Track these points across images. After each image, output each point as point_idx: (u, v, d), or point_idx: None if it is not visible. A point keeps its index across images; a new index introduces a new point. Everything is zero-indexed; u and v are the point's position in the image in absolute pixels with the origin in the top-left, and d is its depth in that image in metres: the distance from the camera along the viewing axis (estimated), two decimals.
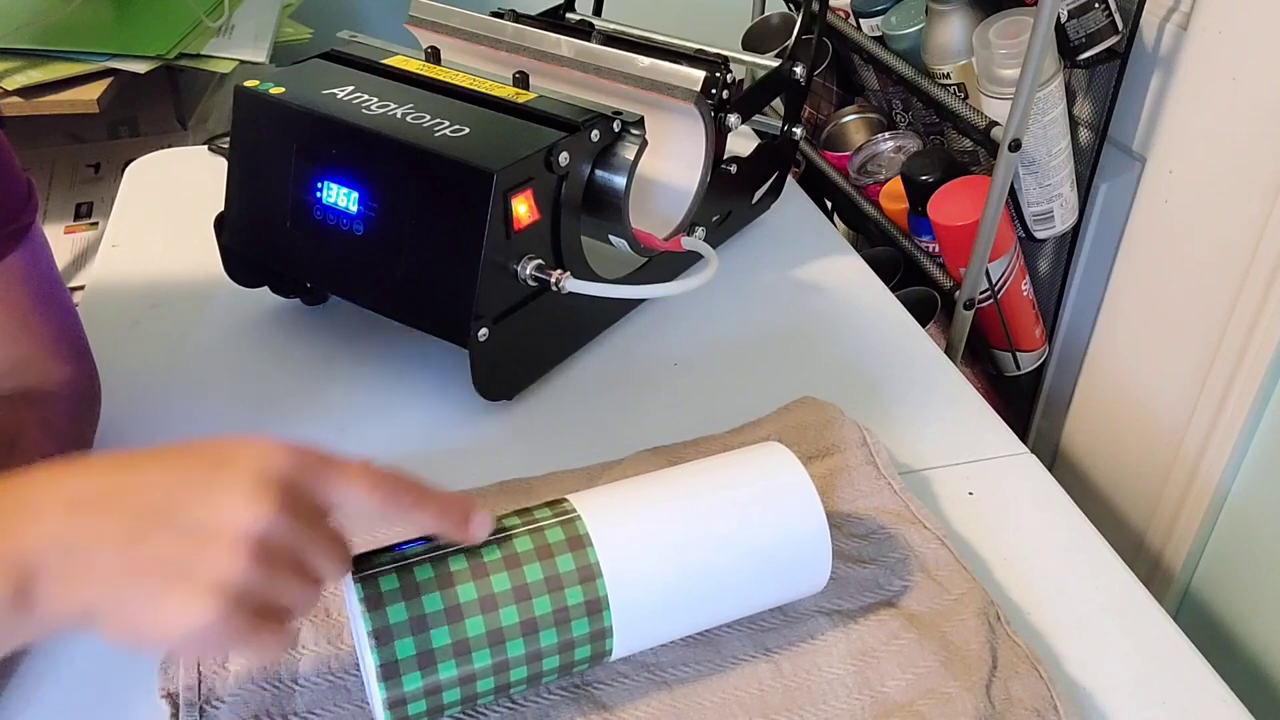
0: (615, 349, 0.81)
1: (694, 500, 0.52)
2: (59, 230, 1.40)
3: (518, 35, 0.82)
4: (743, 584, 0.52)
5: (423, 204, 0.67)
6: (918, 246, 1.10)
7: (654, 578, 0.50)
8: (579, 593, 0.48)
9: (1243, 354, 0.90)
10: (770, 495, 0.52)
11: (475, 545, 0.48)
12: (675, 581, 0.50)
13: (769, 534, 0.52)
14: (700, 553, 0.51)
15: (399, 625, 0.45)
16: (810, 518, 0.52)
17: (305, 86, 0.73)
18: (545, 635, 0.48)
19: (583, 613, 0.48)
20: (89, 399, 0.66)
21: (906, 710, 0.51)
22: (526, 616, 0.47)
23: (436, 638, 0.46)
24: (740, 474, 0.53)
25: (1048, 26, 0.85)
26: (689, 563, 0.50)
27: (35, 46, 1.32)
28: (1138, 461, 1.05)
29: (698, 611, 0.52)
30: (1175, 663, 0.57)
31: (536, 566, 0.48)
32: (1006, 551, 0.63)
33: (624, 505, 0.51)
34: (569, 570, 0.48)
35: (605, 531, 0.49)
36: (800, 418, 0.70)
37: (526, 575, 0.47)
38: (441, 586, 0.46)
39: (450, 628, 0.46)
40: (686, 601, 0.51)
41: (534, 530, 0.49)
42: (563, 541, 0.49)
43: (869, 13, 1.10)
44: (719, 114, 0.80)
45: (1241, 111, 0.87)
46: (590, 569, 0.48)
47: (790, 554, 0.52)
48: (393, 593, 0.46)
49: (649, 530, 0.50)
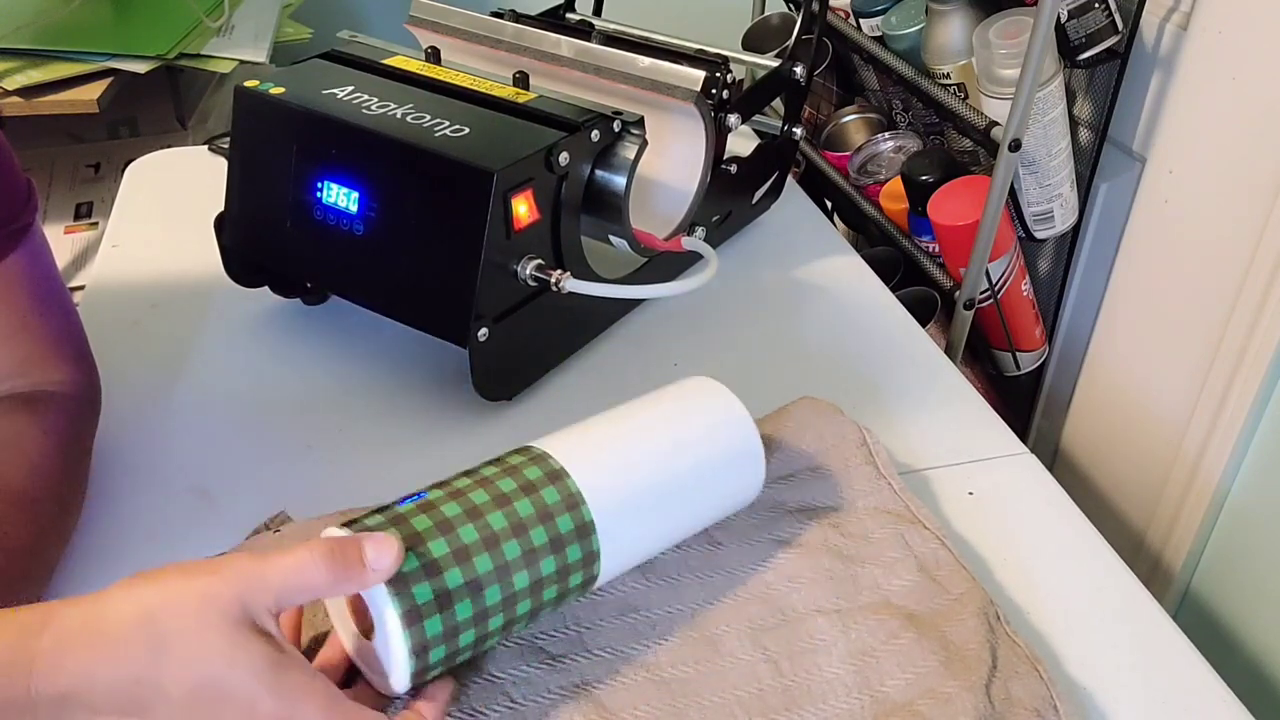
0: (615, 349, 0.81)
1: (642, 426, 0.57)
2: (59, 230, 1.40)
3: (518, 35, 0.82)
4: (696, 487, 0.57)
5: (423, 204, 0.67)
6: (918, 246, 1.10)
7: (626, 497, 0.54)
8: (568, 520, 0.51)
9: (1243, 354, 0.90)
10: (704, 411, 0.59)
11: (462, 491, 0.50)
12: (643, 497, 0.54)
13: (708, 442, 0.58)
14: (656, 467, 0.55)
15: (413, 572, 0.46)
16: (738, 423, 0.59)
17: (305, 86, 0.73)
18: (545, 564, 0.50)
19: (574, 538, 0.51)
20: (89, 399, 0.66)
21: (906, 710, 0.51)
22: (527, 548, 0.49)
23: (450, 579, 0.47)
24: (676, 400, 0.59)
25: (1048, 26, 0.85)
26: (649, 477, 0.55)
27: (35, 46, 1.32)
28: (1138, 461, 1.05)
29: (665, 522, 0.56)
30: (1175, 663, 0.57)
31: (526, 502, 0.50)
32: (1006, 551, 0.63)
33: (586, 439, 0.56)
34: (555, 501, 0.51)
35: (577, 465, 0.53)
36: (800, 418, 0.70)
37: (519, 511, 0.50)
38: (444, 532, 0.48)
39: (461, 568, 0.47)
40: (655, 516, 0.55)
41: (513, 471, 0.52)
42: (543, 477, 0.52)
43: (869, 13, 1.10)
44: (719, 114, 0.80)
45: (1241, 111, 0.87)
46: (574, 497, 0.52)
47: (728, 456, 0.58)
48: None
49: (613, 457, 0.55)
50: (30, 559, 0.57)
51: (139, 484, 0.67)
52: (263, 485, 0.67)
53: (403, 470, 0.68)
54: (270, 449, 0.70)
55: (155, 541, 0.63)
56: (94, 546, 0.62)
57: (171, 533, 0.64)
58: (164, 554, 0.62)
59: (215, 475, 0.68)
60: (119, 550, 0.62)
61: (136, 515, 0.65)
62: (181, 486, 0.67)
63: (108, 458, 0.68)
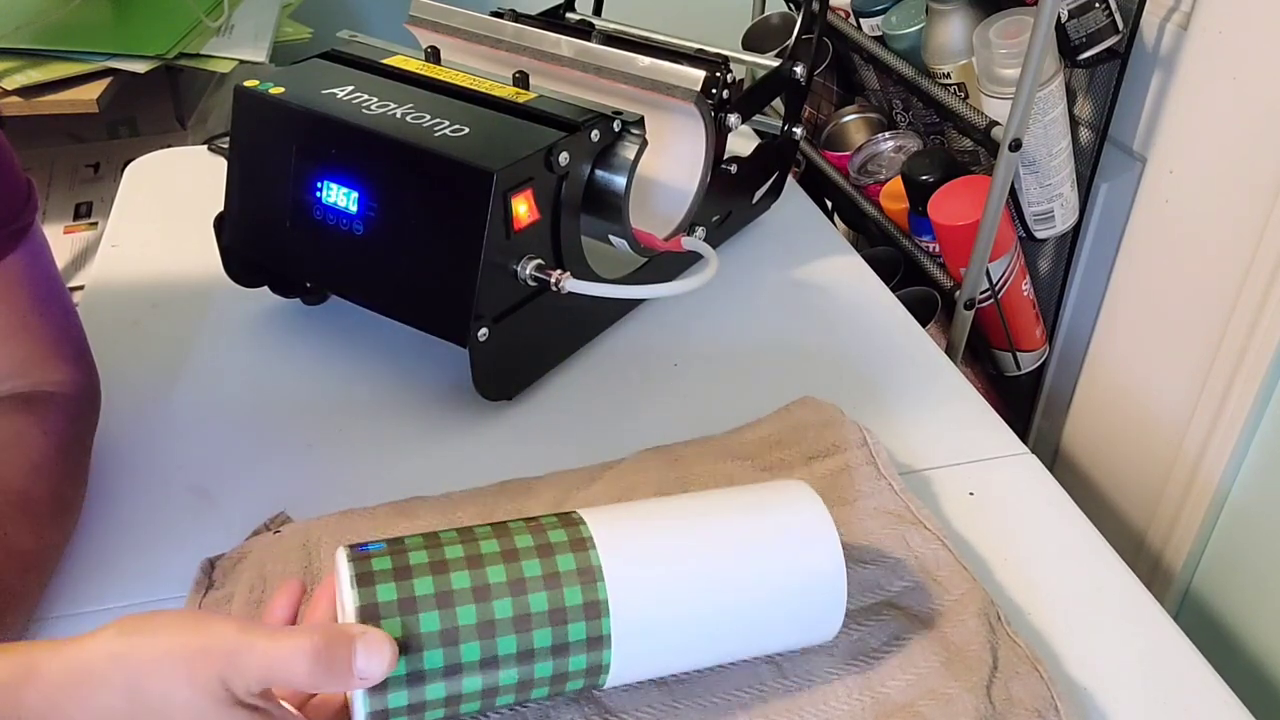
0: (615, 349, 0.81)
1: (709, 530, 0.50)
2: (59, 230, 1.40)
3: (518, 35, 0.82)
4: (749, 635, 0.50)
5: (423, 204, 0.67)
6: (918, 246, 1.10)
7: (661, 623, 0.48)
8: (582, 629, 0.46)
9: (1243, 354, 0.90)
10: (790, 537, 0.50)
11: (480, 560, 0.46)
12: (681, 629, 0.48)
13: (784, 578, 0.50)
14: (712, 604, 0.49)
15: (387, 605, 0.44)
16: (829, 565, 0.50)
17: (305, 86, 0.73)
18: (540, 668, 0.46)
19: (583, 650, 0.46)
20: (89, 399, 0.66)
21: (907, 711, 0.51)
22: (525, 648, 0.45)
23: (425, 622, 0.44)
24: (761, 509, 0.51)
25: (1048, 26, 0.85)
26: (698, 613, 0.48)
27: (35, 46, 1.32)
28: (1138, 461, 1.05)
29: (696, 657, 0.50)
30: (1175, 663, 0.57)
31: (542, 596, 0.46)
32: (1006, 551, 0.63)
33: (639, 536, 0.49)
34: (575, 605, 0.46)
35: (619, 568, 0.47)
36: (800, 418, 0.70)
37: (531, 605, 0.46)
38: (435, 572, 0.45)
39: (441, 613, 0.44)
40: (687, 649, 0.49)
41: (537, 532, 0.48)
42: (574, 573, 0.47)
43: (869, 12, 1.10)
44: (719, 114, 0.80)
45: (1241, 111, 0.87)
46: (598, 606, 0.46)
47: (804, 611, 0.50)
48: (384, 573, 0.45)
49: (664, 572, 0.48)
50: (30, 558, 0.57)
51: (139, 484, 0.67)
52: (263, 485, 0.67)
53: (403, 470, 0.68)
54: (270, 449, 0.70)
55: (155, 541, 0.63)
56: (94, 546, 0.62)
57: (171, 533, 0.64)
58: (164, 554, 0.62)
59: (215, 475, 0.68)
60: (119, 550, 0.62)
61: (136, 515, 0.65)
62: (181, 486, 0.67)
63: (108, 458, 0.68)
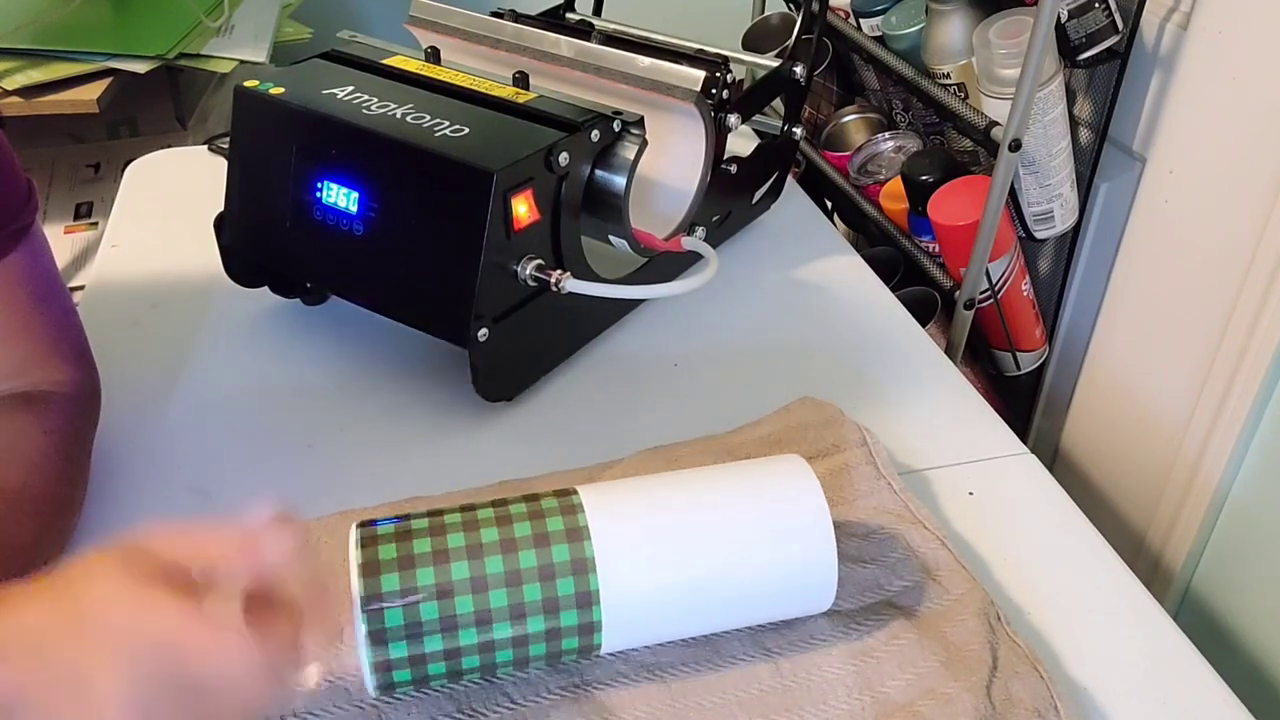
0: (615, 349, 0.81)
1: (701, 505, 0.52)
2: (59, 230, 1.40)
3: (518, 35, 0.82)
4: (741, 598, 0.52)
5: (423, 204, 0.67)
6: (918, 246, 1.10)
7: (649, 579, 0.50)
8: (570, 584, 0.49)
9: (1243, 354, 0.90)
10: (781, 511, 0.52)
11: (476, 524, 0.50)
12: (670, 586, 0.51)
13: (774, 551, 0.52)
14: (699, 560, 0.51)
15: (390, 594, 0.48)
16: (819, 538, 0.52)
17: (305, 86, 0.73)
18: (532, 622, 0.49)
19: (572, 604, 0.49)
20: (89, 399, 0.66)
21: (907, 710, 0.51)
22: (515, 601, 0.49)
23: (425, 611, 0.48)
24: (752, 485, 0.53)
25: (1048, 26, 0.85)
26: (686, 568, 0.51)
27: (35, 46, 1.32)
28: (1138, 461, 1.05)
29: (691, 618, 0.52)
30: (1175, 663, 0.57)
31: (531, 554, 0.49)
32: (1006, 551, 0.63)
33: (628, 501, 0.52)
34: (563, 561, 0.49)
35: (605, 525, 0.50)
36: (800, 418, 0.70)
37: (520, 561, 0.49)
38: (437, 562, 0.48)
39: (440, 604, 0.48)
40: (680, 607, 0.51)
41: (535, 518, 0.51)
42: (561, 532, 0.50)
43: (869, 13, 1.10)
44: (719, 114, 0.80)
45: (1241, 111, 0.87)
46: (585, 562, 0.49)
47: (794, 572, 0.52)
48: (389, 562, 0.48)
49: (650, 530, 0.51)
50: (30, 559, 0.57)
51: (139, 484, 0.67)
52: (263, 485, 0.67)
53: (403, 470, 0.68)
54: (271, 448, 0.70)
55: None
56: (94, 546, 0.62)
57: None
58: None
59: (215, 475, 0.68)
60: None
61: (136, 515, 0.65)
62: (181, 486, 0.67)
63: (108, 458, 0.68)
